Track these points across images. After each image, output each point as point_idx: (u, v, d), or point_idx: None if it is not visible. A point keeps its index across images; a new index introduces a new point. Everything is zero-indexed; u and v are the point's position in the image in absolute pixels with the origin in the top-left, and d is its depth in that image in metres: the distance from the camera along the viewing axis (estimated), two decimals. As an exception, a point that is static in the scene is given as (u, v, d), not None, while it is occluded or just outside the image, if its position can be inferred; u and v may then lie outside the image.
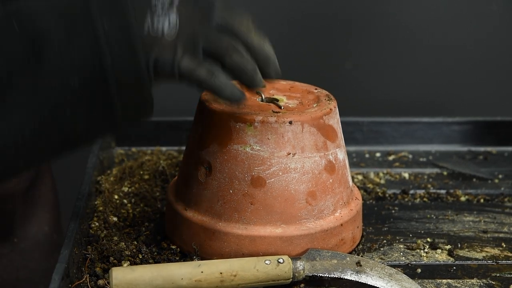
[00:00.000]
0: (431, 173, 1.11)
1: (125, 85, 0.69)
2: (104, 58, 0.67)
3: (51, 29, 0.67)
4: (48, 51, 0.66)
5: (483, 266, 0.85)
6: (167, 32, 0.70)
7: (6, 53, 0.66)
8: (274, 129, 0.79)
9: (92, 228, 0.89)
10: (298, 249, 0.81)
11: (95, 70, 0.67)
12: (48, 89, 0.67)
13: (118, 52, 0.68)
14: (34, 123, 0.68)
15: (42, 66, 0.67)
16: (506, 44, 1.48)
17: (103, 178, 1.00)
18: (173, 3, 0.71)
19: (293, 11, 1.43)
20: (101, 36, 0.67)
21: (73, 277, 0.78)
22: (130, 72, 0.68)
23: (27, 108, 0.67)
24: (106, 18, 0.67)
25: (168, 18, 0.70)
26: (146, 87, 0.70)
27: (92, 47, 0.67)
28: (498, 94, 1.50)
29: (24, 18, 0.67)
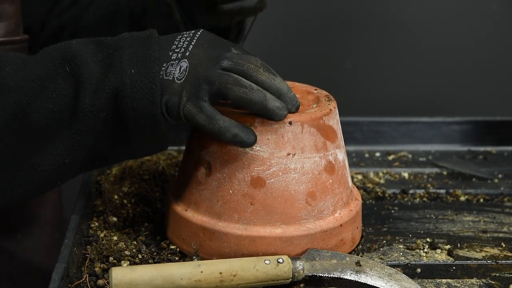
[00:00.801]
0: (430, 173, 1.11)
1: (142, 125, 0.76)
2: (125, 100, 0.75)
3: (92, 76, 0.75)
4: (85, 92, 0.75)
5: (483, 266, 0.85)
6: (178, 76, 0.76)
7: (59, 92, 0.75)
8: (274, 129, 0.79)
9: (92, 228, 0.89)
10: (297, 250, 0.81)
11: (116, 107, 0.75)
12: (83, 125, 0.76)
13: (138, 96, 0.75)
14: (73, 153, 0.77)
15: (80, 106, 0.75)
16: (506, 44, 1.48)
17: (103, 178, 1.00)
18: (186, 51, 0.77)
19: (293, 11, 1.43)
20: (127, 79, 0.75)
21: (72, 277, 0.78)
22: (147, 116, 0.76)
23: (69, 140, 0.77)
24: (134, 65, 0.75)
25: (180, 64, 0.76)
26: (162, 129, 0.77)
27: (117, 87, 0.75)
28: (498, 94, 1.50)
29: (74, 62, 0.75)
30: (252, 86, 0.76)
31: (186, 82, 0.76)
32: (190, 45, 0.77)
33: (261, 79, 0.77)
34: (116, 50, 0.76)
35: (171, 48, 0.77)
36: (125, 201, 0.95)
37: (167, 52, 0.77)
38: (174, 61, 0.76)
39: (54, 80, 0.75)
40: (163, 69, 0.76)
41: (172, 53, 0.77)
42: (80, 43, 0.78)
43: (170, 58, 0.77)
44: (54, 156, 0.77)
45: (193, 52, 0.77)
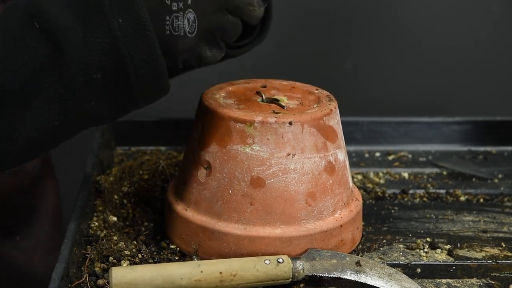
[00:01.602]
0: (430, 173, 1.11)
1: (144, 74, 0.72)
2: (123, 52, 0.71)
3: (67, 26, 0.70)
4: (69, 49, 0.70)
5: (483, 266, 0.85)
6: (189, 30, 0.74)
7: (31, 53, 0.70)
8: (274, 129, 0.79)
9: (92, 228, 0.89)
10: (297, 250, 0.81)
11: (115, 63, 0.71)
12: (73, 84, 0.71)
13: (135, 46, 0.71)
14: (63, 114, 0.73)
15: (64, 64, 0.71)
16: (506, 44, 1.48)
17: (102, 178, 1.00)
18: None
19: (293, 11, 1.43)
20: (117, 31, 0.71)
21: (72, 277, 0.78)
22: (147, 63, 0.72)
23: (56, 101, 0.72)
24: (119, 14, 0.71)
25: (186, 16, 0.73)
26: (164, 73, 0.73)
27: (108, 42, 0.71)
28: (498, 94, 1.50)
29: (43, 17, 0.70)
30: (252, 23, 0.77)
31: (200, 34, 0.74)
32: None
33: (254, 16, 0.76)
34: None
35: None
36: (125, 201, 0.95)
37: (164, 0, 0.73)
38: (178, 12, 0.73)
39: (23, 41, 0.70)
40: (167, 23, 0.73)
41: (171, 2, 0.73)
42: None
43: (171, 9, 0.73)
44: (41, 120, 0.73)
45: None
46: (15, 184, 1.01)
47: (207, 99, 0.84)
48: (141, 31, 0.71)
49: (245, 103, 0.85)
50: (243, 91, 0.89)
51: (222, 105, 0.83)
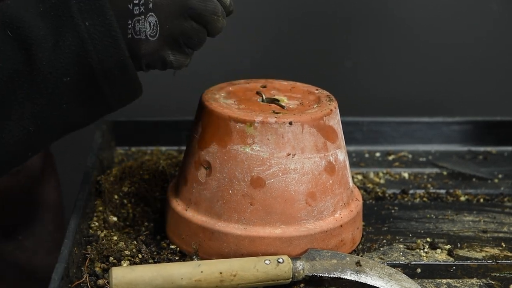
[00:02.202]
0: (430, 173, 1.11)
1: (112, 75, 0.73)
2: (90, 54, 0.72)
3: (39, 34, 0.71)
4: (39, 55, 0.71)
5: (483, 266, 0.85)
6: (150, 33, 0.74)
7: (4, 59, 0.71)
8: (274, 129, 0.79)
9: (92, 228, 0.89)
10: (297, 250, 0.81)
11: (83, 66, 0.72)
12: (44, 88, 0.72)
13: (102, 47, 0.72)
14: (37, 119, 0.73)
15: (35, 69, 0.72)
16: (506, 44, 1.48)
17: (103, 178, 1.00)
18: (148, 2, 0.74)
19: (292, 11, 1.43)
20: (84, 34, 0.72)
21: (72, 277, 0.78)
22: (115, 64, 0.73)
23: (29, 106, 0.73)
24: (87, 16, 0.72)
25: (147, 19, 0.74)
26: (133, 73, 0.74)
27: (76, 45, 0.72)
28: (498, 94, 1.50)
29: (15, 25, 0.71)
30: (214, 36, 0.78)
31: (162, 37, 0.75)
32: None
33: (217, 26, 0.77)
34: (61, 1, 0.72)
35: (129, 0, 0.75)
36: (125, 201, 0.95)
37: (125, 4, 0.74)
38: (139, 16, 0.74)
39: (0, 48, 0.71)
40: (129, 27, 0.74)
41: (133, 6, 0.74)
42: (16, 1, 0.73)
43: (133, 13, 0.74)
44: (16, 127, 0.73)
45: (155, 2, 0.74)
46: (16, 183, 1.01)
47: (207, 99, 0.84)
48: (107, 33, 0.72)
49: (245, 103, 0.85)
50: (243, 91, 0.89)
51: (222, 105, 0.83)
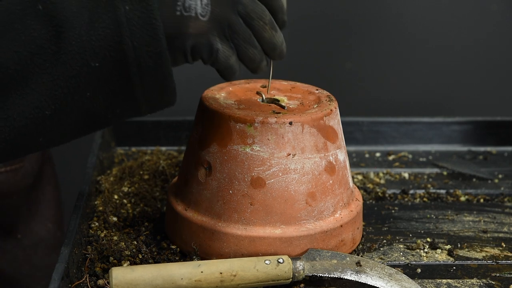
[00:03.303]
0: (431, 173, 1.11)
1: (146, 67, 0.68)
2: (125, 40, 0.67)
3: (73, 11, 0.67)
4: (69, 33, 0.67)
5: (483, 266, 0.85)
6: (201, 11, 0.70)
7: (28, 34, 0.67)
8: (274, 129, 0.79)
9: (92, 228, 0.89)
10: (297, 250, 0.81)
11: (115, 52, 0.67)
12: (68, 70, 0.67)
13: (138, 35, 0.67)
14: (55, 103, 0.68)
15: (62, 48, 0.67)
16: (506, 44, 1.48)
17: (103, 178, 1.00)
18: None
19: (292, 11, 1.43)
20: (122, 18, 0.67)
21: (73, 277, 0.78)
22: (150, 55, 0.68)
23: (48, 88, 0.68)
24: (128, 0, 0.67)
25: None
26: (167, 70, 0.69)
27: (112, 29, 0.67)
28: (498, 94, 1.50)
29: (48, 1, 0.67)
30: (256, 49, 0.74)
31: (213, 20, 0.70)
32: None
33: (263, 36, 0.73)
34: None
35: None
36: (125, 201, 0.95)
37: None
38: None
39: (23, 21, 0.67)
40: (179, 3, 0.69)
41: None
42: None
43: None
44: (30, 107, 0.68)
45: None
46: (16, 181, 1.01)
47: (208, 99, 0.84)
48: (147, 20, 0.67)
49: (245, 103, 0.85)
50: (243, 91, 0.89)
51: (223, 105, 0.83)
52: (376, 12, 1.45)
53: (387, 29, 1.46)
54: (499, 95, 1.50)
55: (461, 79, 1.49)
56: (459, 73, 1.48)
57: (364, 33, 1.46)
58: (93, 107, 0.70)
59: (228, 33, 0.71)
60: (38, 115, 0.68)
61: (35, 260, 1.06)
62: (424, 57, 1.47)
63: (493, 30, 1.46)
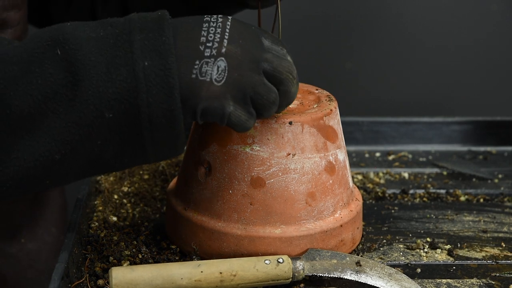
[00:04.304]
0: (431, 173, 1.11)
1: (158, 124, 0.69)
2: (141, 95, 0.68)
3: (91, 60, 0.67)
4: (86, 82, 0.67)
5: (483, 266, 0.85)
6: (216, 77, 0.70)
7: (45, 78, 0.67)
8: (274, 129, 0.79)
9: (92, 228, 0.89)
10: (297, 250, 0.81)
11: (130, 106, 0.68)
12: (82, 119, 0.68)
13: (155, 91, 0.68)
14: (65, 148, 0.69)
15: (78, 95, 0.67)
16: (506, 44, 1.48)
17: (102, 178, 1.00)
18: (221, 47, 0.70)
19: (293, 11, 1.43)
20: (140, 73, 0.68)
21: (72, 277, 0.78)
22: (164, 112, 0.69)
23: (60, 133, 0.68)
24: (148, 56, 0.68)
25: (217, 63, 0.70)
26: (180, 128, 0.70)
27: (129, 83, 0.68)
28: (498, 94, 1.50)
29: (68, 45, 0.68)
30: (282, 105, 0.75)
31: (228, 85, 0.70)
32: (223, 39, 0.70)
33: (291, 90, 0.74)
34: (124, 33, 0.69)
35: (201, 41, 0.70)
36: (125, 201, 0.95)
37: (197, 45, 0.70)
38: (209, 58, 0.69)
39: (41, 65, 0.67)
40: (196, 67, 0.69)
41: (204, 48, 0.69)
42: (76, 23, 0.70)
43: (203, 54, 0.69)
44: (40, 150, 0.68)
45: (229, 49, 0.70)
46: None
47: (207, 99, 0.84)
48: (164, 78, 0.68)
49: None
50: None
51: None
52: (376, 12, 1.45)
53: (387, 29, 1.46)
54: (499, 95, 1.50)
55: (461, 79, 1.49)
56: (459, 73, 1.49)
57: (364, 33, 1.46)
58: (102, 155, 0.70)
59: (249, 95, 0.71)
60: (48, 159, 0.69)
61: (38, 265, 1.06)
62: (424, 57, 1.48)
63: (493, 30, 1.46)
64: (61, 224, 1.10)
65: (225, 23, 0.71)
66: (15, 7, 0.86)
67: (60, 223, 1.10)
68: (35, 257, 1.05)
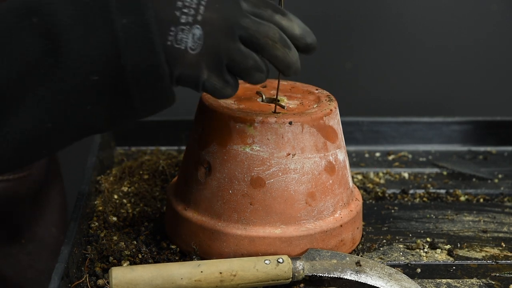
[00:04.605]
0: (430, 173, 1.11)
1: (144, 80, 0.68)
2: (123, 55, 0.67)
3: (69, 25, 0.66)
4: (66, 47, 0.66)
5: (483, 266, 0.85)
6: (191, 45, 0.69)
7: (24, 48, 0.66)
8: (274, 129, 0.79)
9: (92, 228, 0.89)
10: (297, 250, 0.81)
11: (114, 66, 0.67)
12: (66, 85, 0.67)
13: (136, 48, 0.67)
14: (56, 117, 0.68)
15: (60, 61, 0.66)
16: (506, 44, 1.48)
17: (102, 178, 1.00)
18: (197, 13, 0.69)
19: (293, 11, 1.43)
20: (119, 32, 0.66)
21: (72, 277, 0.78)
22: (148, 69, 0.68)
23: (48, 102, 0.67)
24: (125, 14, 0.67)
25: (192, 31, 0.69)
26: (166, 82, 0.69)
27: (110, 43, 0.67)
28: (498, 94, 1.50)
29: (42, 12, 0.66)
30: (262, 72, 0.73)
31: (203, 53, 0.69)
32: (200, 4, 0.69)
33: (275, 55, 0.73)
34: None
35: (177, 6, 0.68)
36: (125, 201, 0.95)
37: (172, 10, 0.68)
38: (185, 25, 0.68)
39: (18, 35, 0.66)
40: (171, 33, 0.68)
41: (180, 14, 0.68)
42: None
43: (179, 20, 0.68)
44: (31, 121, 0.68)
45: (205, 16, 0.69)
46: (22, 189, 1.01)
47: (207, 99, 0.84)
48: (144, 34, 0.67)
49: (245, 103, 0.85)
50: (243, 91, 0.89)
51: (222, 105, 0.83)
52: (376, 12, 1.45)
53: (387, 29, 1.46)
54: (499, 95, 1.50)
55: (461, 79, 1.49)
56: (459, 73, 1.48)
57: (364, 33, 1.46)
58: (93, 119, 0.70)
59: (224, 62, 0.71)
60: (40, 129, 0.68)
61: (39, 265, 1.06)
62: (424, 57, 1.47)
63: (493, 30, 1.46)
64: (61, 224, 1.10)
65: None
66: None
67: (60, 223, 1.10)
68: (35, 257, 1.05)
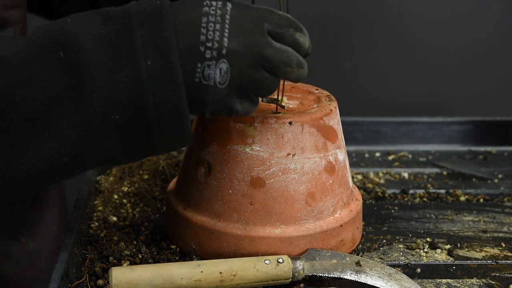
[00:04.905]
0: (430, 173, 1.11)
1: (166, 123, 0.69)
2: (146, 96, 0.68)
3: (95, 62, 0.67)
4: (90, 84, 0.67)
5: (483, 266, 0.85)
6: (220, 80, 0.70)
7: (49, 82, 0.67)
8: (274, 129, 0.79)
9: (92, 228, 0.89)
10: (297, 250, 0.81)
11: (136, 107, 0.68)
12: (87, 121, 0.68)
13: (160, 91, 0.68)
14: (74, 150, 0.69)
15: (83, 98, 0.67)
16: (506, 44, 1.48)
17: (102, 178, 1.00)
18: (222, 47, 0.70)
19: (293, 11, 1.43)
20: (144, 73, 0.67)
21: (72, 277, 0.78)
22: (170, 111, 0.69)
23: (67, 136, 0.68)
24: (150, 55, 0.68)
25: (219, 65, 0.70)
26: (187, 124, 0.70)
27: (134, 84, 0.68)
28: (498, 94, 1.50)
29: (70, 47, 0.67)
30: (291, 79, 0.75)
31: (231, 86, 0.71)
32: (223, 37, 0.70)
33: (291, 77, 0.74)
34: (125, 29, 0.68)
35: (201, 40, 0.69)
36: (125, 201, 0.95)
37: (197, 45, 0.69)
38: (210, 60, 0.69)
39: (45, 68, 0.67)
40: (198, 70, 0.69)
41: (205, 49, 0.69)
42: (77, 19, 0.69)
43: (204, 56, 0.69)
44: (49, 153, 0.69)
45: (229, 48, 0.70)
46: None
47: (207, 99, 0.84)
48: (168, 77, 0.68)
49: None
50: (243, 91, 0.89)
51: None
52: (376, 12, 1.46)
53: (387, 29, 1.46)
54: (499, 95, 1.50)
55: (461, 79, 1.49)
56: (459, 73, 1.49)
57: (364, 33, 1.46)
58: (110, 154, 0.71)
59: (250, 89, 0.72)
60: (57, 161, 0.69)
61: (39, 264, 1.06)
62: (424, 57, 1.48)
63: (493, 30, 1.46)
64: (61, 224, 1.10)
65: (224, 16, 0.70)
66: (15, 5, 0.87)
67: (60, 223, 1.10)
68: (36, 257, 1.05)
